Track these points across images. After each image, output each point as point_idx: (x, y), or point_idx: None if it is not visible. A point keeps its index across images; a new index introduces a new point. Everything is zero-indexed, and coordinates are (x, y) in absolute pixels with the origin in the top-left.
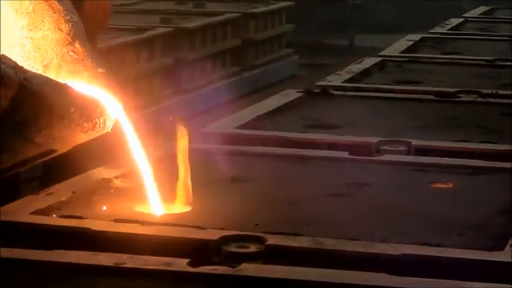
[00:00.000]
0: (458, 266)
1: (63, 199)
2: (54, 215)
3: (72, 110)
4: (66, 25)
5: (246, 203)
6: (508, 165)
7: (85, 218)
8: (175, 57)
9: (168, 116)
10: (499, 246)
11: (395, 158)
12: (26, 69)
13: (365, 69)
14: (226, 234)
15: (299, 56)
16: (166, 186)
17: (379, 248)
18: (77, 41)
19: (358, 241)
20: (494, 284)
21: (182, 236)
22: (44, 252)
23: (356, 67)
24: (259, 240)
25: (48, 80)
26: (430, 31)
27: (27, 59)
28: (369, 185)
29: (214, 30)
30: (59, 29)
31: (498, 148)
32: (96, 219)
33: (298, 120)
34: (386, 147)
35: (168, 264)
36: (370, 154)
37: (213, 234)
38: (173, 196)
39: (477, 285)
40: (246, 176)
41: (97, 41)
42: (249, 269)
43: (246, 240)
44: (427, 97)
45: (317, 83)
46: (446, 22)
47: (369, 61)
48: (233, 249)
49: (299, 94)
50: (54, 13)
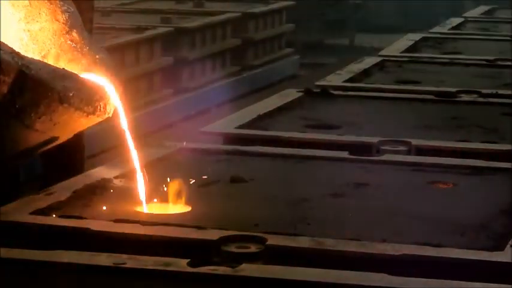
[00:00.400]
0: (458, 266)
1: (63, 199)
2: (54, 215)
3: (71, 94)
4: (62, 16)
5: (246, 203)
6: (508, 165)
7: (85, 218)
8: (175, 56)
9: (168, 116)
10: (499, 246)
11: (395, 158)
12: (24, 55)
13: (365, 69)
14: (226, 234)
15: (299, 56)
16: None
17: (379, 248)
18: (74, 30)
19: (358, 241)
20: (494, 284)
21: (182, 236)
22: (44, 252)
23: (356, 67)
24: (259, 240)
25: (46, 65)
26: (431, 31)
27: (25, 52)
28: (369, 185)
29: (214, 29)
30: (56, 20)
31: (498, 148)
32: (96, 219)
33: (298, 120)
34: (386, 147)
35: (168, 264)
36: (370, 154)
37: (213, 234)
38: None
39: (477, 285)
40: (246, 176)
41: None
42: (249, 269)
43: (246, 240)
44: (428, 97)
45: (317, 83)
46: (446, 22)
47: (369, 61)
48: (233, 249)
49: (299, 94)
50: (50, 5)
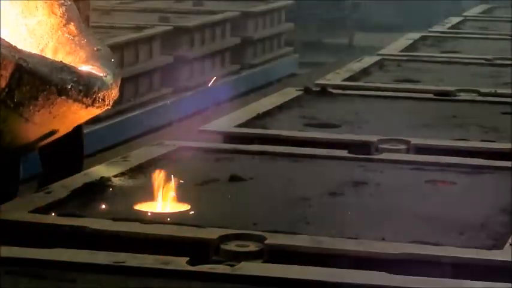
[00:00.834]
0: (458, 265)
1: (62, 198)
2: (53, 214)
3: (69, 87)
4: (59, 9)
5: (245, 202)
6: (508, 164)
7: (84, 217)
8: (174, 55)
9: (168, 115)
10: (499, 245)
11: (394, 157)
12: (21, 49)
13: (364, 68)
14: (225, 233)
15: (298, 55)
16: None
17: (378, 247)
18: (72, 23)
19: (357, 240)
20: (494, 283)
21: (181, 235)
22: (43, 250)
23: (355, 66)
24: (258, 239)
25: (43, 59)
26: (430, 30)
27: (23, 46)
28: (368, 184)
29: (213, 28)
30: (53, 13)
31: (497, 147)
32: (95, 217)
33: (297, 118)
34: (385, 145)
35: (167, 263)
36: (369, 153)
37: (212, 233)
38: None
39: (477, 284)
40: (245, 175)
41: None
42: (248, 268)
43: (245, 239)
44: (427, 96)
45: (316, 82)
46: (445, 21)
47: (368, 60)
48: (232, 248)
49: (298, 93)
50: None
